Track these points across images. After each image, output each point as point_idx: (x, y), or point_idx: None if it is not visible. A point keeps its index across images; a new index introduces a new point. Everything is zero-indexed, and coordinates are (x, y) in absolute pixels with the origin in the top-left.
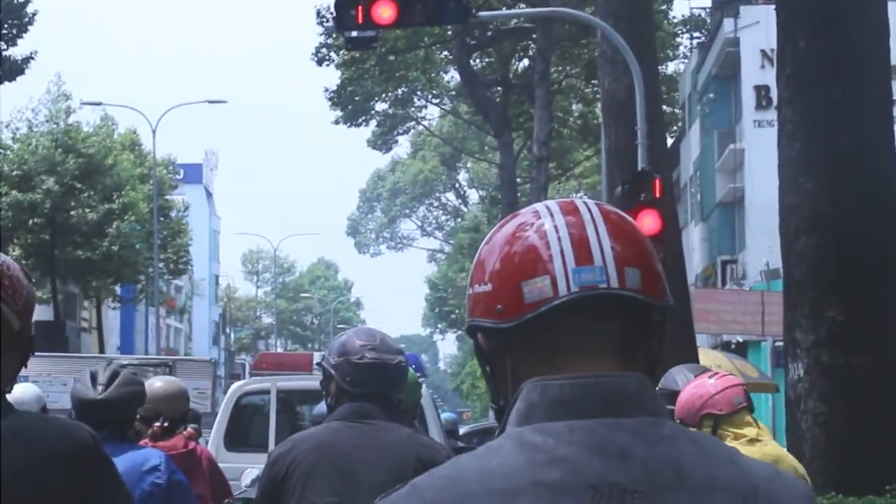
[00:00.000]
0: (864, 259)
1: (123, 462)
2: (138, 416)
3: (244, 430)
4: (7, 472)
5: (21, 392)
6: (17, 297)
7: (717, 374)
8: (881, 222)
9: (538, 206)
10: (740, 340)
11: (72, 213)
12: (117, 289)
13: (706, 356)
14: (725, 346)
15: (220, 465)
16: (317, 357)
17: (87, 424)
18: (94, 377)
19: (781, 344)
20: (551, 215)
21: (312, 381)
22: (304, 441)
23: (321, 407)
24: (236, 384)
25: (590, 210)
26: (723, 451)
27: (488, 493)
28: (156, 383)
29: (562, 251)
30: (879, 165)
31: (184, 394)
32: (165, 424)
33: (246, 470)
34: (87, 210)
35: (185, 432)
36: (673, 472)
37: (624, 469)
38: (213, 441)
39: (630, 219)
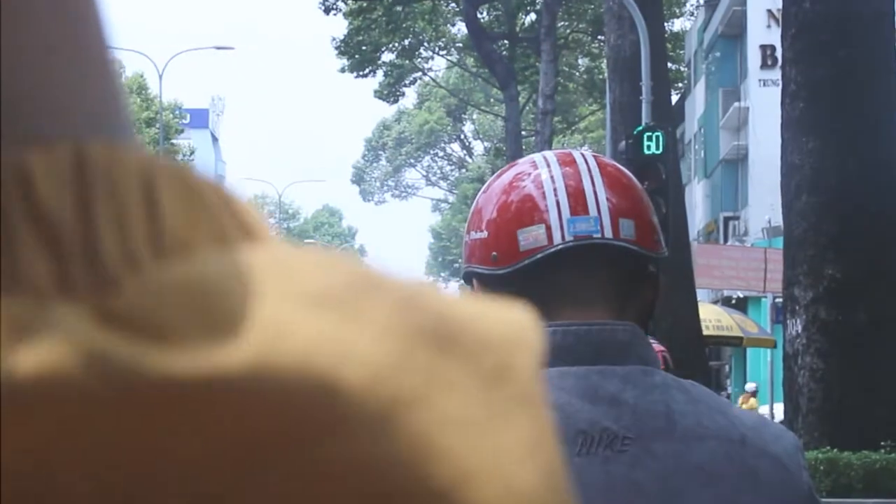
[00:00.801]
0: (864, 218)
1: None
2: None
3: None
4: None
5: None
6: None
7: None
8: (881, 182)
9: (536, 156)
10: (741, 296)
11: None
12: None
13: (706, 310)
14: (726, 302)
15: None
16: None
17: None
18: None
19: (781, 300)
20: (548, 166)
21: None
22: None
23: None
24: None
25: (587, 161)
26: (712, 400)
27: None
28: None
29: (557, 201)
30: (881, 126)
31: None
32: None
33: None
34: None
35: None
36: (663, 420)
37: (614, 415)
38: None
39: (627, 171)
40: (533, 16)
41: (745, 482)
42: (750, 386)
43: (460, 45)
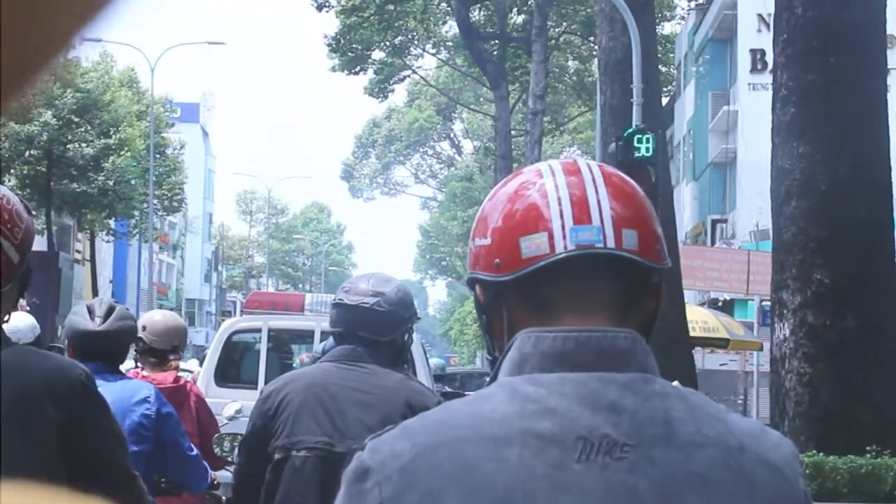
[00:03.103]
0: (853, 223)
1: (115, 393)
2: (146, 348)
3: (235, 366)
4: (3, 403)
5: (17, 321)
6: (15, 230)
7: None
8: (871, 188)
9: (541, 165)
10: (727, 298)
11: (68, 146)
12: (111, 223)
13: (693, 312)
14: (712, 304)
15: (210, 399)
16: (308, 298)
17: (84, 355)
18: (90, 310)
19: (768, 303)
20: (553, 175)
21: (303, 322)
22: (296, 380)
23: (328, 344)
24: (228, 321)
25: (591, 171)
26: (711, 408)
27: (479, 439)
28: (156, 316)
29: (561, 210)
30: (871, 132)
31: (185, 328)
32: (180, 356)
33: (227, 403)
34: (83, 144)
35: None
36: (662, 427)
37: (614, 422)
38: (203, 376)
39: (632, 181)
40: (524, 16)
41: (742, 489)
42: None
43: (451, 44)
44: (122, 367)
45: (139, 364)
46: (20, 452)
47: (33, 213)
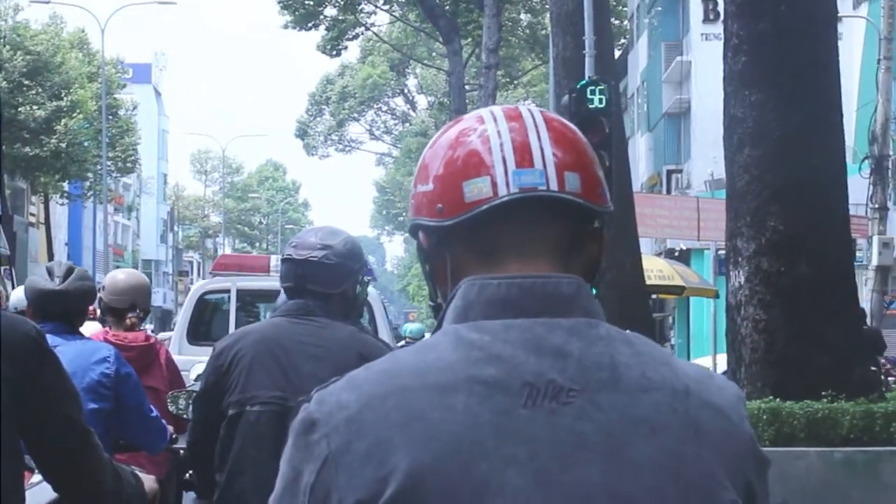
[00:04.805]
0: (806, 170)
1: (74, 352)
2: (108, 308)
3: (206, 325)
4: None
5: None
6: None
7: None
8: (823, 135)
9: (482, 111)
10: (683, 248)
11: (20, 109)
12: (65, 185)
13: (648, 262)
14: (669, 254)
15: (183, 357)
16: (273, 260)
17: (44, 315)
18: (49, 271)
19: (723, 252)
20: (495, 121)
21: (269, 282)
22: (247, 335)
23: (281, 298)
24: (199, 283)
25: (533, 116)
26: (656, 352)
27: (424, 387)
28: (119, 275)
29: (503, 155)
30: (823, 80)
31: (148, 286)
32: (140, 315)
33: (195, 364)
34: (35, 107)
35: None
36: (608, 372)
37: (560, 367)
38: (176, 334)
39: (573, 126)
40: None
41: (688, 433)
42: None
43: None
44: (94, 328)
45: (107, 324)
46: None
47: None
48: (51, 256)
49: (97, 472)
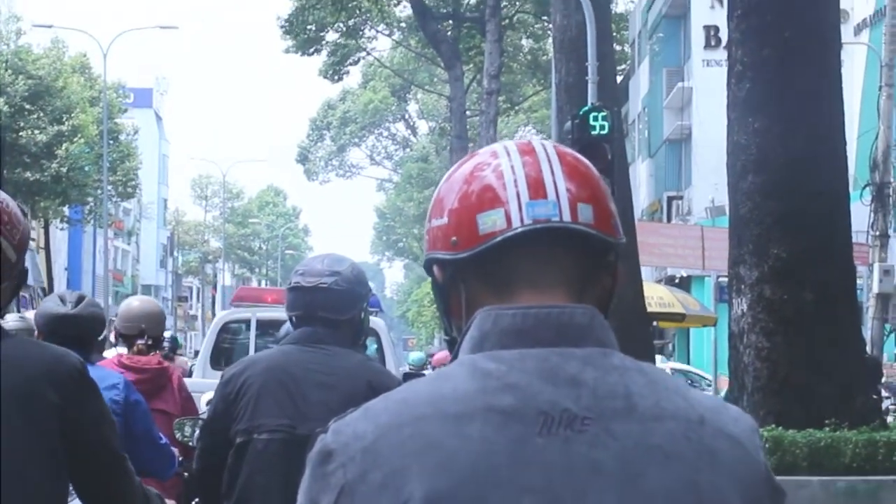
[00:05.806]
0: (809, 197)
1: None
2: (120, 334)
3: (227, 352)
4: (6, 393)
5: (12, 320)
6: (14, 231)
7: None
8: (827, 162)
9: (496, 146)
10: (684, 275)
11: (21, 133)
12: (65, 210)
13: (649, 289)
14: (669, 281)
15: (206, 380)
16: None
17: (56, 339)
18: (62, 298)
19: (725, 279)
20: (508, 155)
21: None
22: (256, 363)
23: (286, 328)
24: (222, 313)
25: (546, 151)
26: (669, 382)
27: (440, 416)
28: (133, 302)
29: (517, 189)
30: (827, 106)
31: (162, 313)
32: (149, 342)
33: (205, 392)
34: (36, 131)
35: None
36: (622, 401)
37: (574, 396)
38: (200, 360)
39: (585, 160)
40: None
41: (703, 462)
42: None
43: (405, 24)
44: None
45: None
46: (24, 438)
47: (27, 214)
48: (50, 281)
49: (129, 495)
